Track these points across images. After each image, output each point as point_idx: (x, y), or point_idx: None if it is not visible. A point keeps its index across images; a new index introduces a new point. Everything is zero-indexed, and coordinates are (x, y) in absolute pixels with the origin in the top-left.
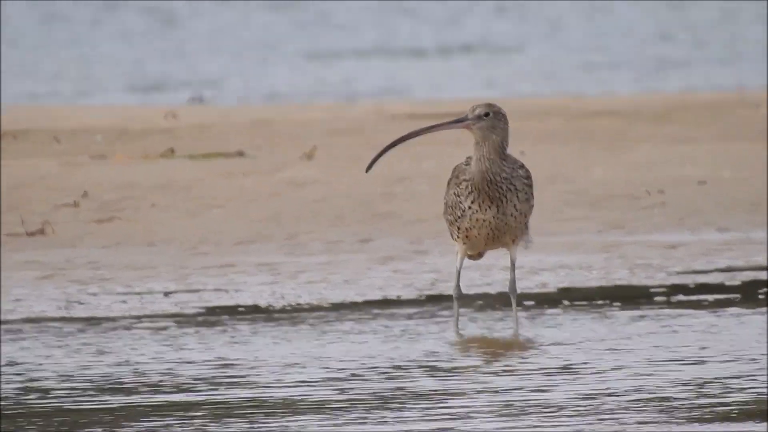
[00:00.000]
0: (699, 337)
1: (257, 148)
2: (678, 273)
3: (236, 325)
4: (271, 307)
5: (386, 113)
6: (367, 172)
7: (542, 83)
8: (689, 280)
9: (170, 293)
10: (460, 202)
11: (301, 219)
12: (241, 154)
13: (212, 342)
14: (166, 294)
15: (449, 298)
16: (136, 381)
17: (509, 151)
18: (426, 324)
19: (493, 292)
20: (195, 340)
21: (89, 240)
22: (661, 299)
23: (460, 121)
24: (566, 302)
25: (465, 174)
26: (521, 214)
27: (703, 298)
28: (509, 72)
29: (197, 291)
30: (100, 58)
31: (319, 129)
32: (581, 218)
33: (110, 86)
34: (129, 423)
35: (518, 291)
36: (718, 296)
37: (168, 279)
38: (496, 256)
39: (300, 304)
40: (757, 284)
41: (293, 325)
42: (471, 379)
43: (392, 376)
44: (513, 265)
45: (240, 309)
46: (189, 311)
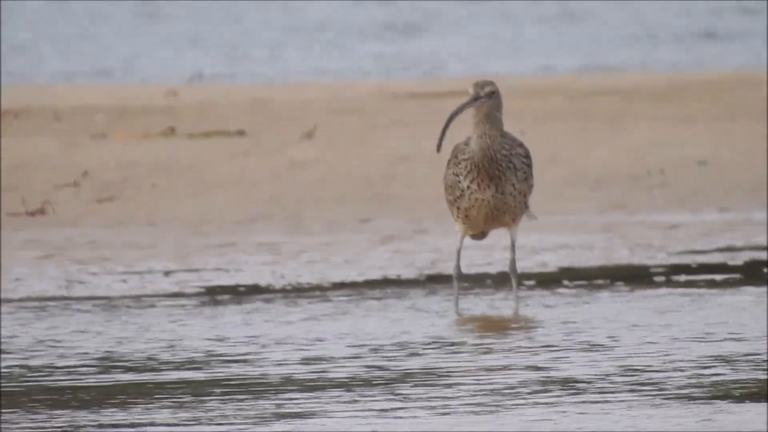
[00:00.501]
0: (699, 316)
1: (258, 128)
2: (678, 253)
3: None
4: (271, 287)
5: (387, 92)
6: (439, 152)
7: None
8: (690, 260)
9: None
10: (459, 182)
11: (302, 199)
12: (242, 134)
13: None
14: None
15: (449, 278)
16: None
17: (507, 130)
18: (426, 303)
19: (494, 272)
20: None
21: (90, 219)
22: (662, 279)
23: (476, 100)
24: (567, 282)
25: (464, 153)
26: (520, 194)
27: (704, 278)
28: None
29: (198, 270)
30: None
31: (320, 108)
32: (582, 198)
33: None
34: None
35: (518, 271)
36: (719, 276)
37: (169, 258)
38: (498, 236)
39: (300, 284)
40: (758, 264)
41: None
42: (468, 358)
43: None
44: (513, 246)
45: (240, 288)
46: (189, 290)
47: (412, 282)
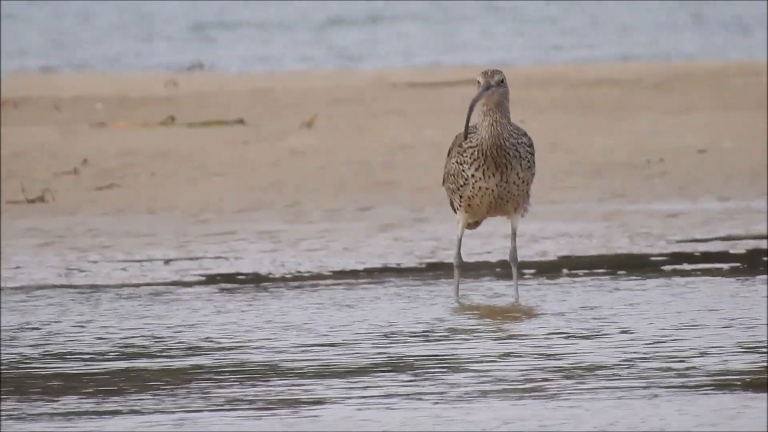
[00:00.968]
0: (698, 305)
1: (258, 116)
2: (678, 241)
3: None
4: (271, 275)
5: (386, 81)
6: (466, 140)
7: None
8: (689, 249)
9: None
10: (463, 171)
11: (302, 187)
12: (242, 122)
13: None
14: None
15: (449, 266)
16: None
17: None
18: (426, 291)
19: (494, 260)
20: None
21: (89, 207)
22: (662, 267)
23: (488, 89)
24: (566, 270)
25: (471, 141)
26: (523, 182)
27: (703, 266)
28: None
29: (197, 258)
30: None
31: (320, 97)
32: (582, 187)
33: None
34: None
35: (519, 259)
36: (718, 264)
37: (168, 246)
38: (497, 224)
39: (300, 272)
40: (758, 252)
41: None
42: (469, 345)
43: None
44: (514, 234)
45: (240, 276)
46: (189, 278)
47: (412, 270)
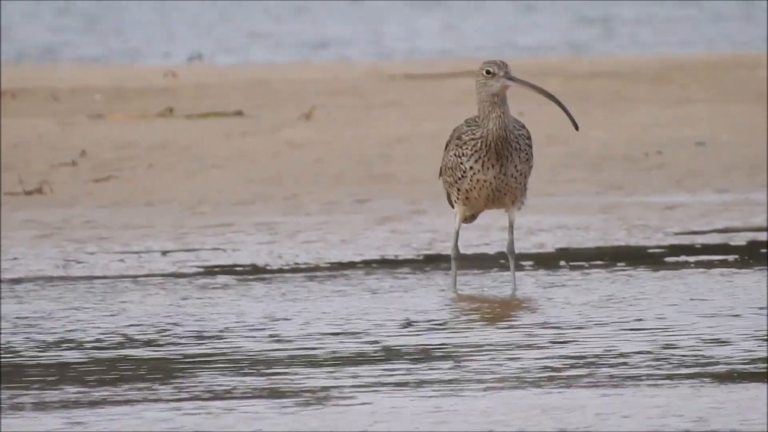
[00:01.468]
0: (696, 297)
1: (256, 108)
2: (676, 234)
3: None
4: (269, 266)
5: (384, 73)
6: (578, 130)
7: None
8: (687, 241)
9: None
10: (461, 163)
11: (300, 179)
12: (240, 114)
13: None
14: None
15: (447, 258)
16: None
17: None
18: (423, 283)
19: (491, 252)
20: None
21: (87, 199)
22: (659, 260)
23: (511, 79)
24: (564, 263)
25: (473, 134)
26: (521, 175)
27: (701, 259)
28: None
29: (195, 250)
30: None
31: (318, 89)
32: (579, 179)
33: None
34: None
35: (516, 251)
36: (716, 257)
37: (166, 238)
38: (494, 217)
39: (297, 264)
40: (756, 245)
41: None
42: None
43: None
44: (511, 227)
45: (237, 268)
46: (187, 270)
47: (410, 262)
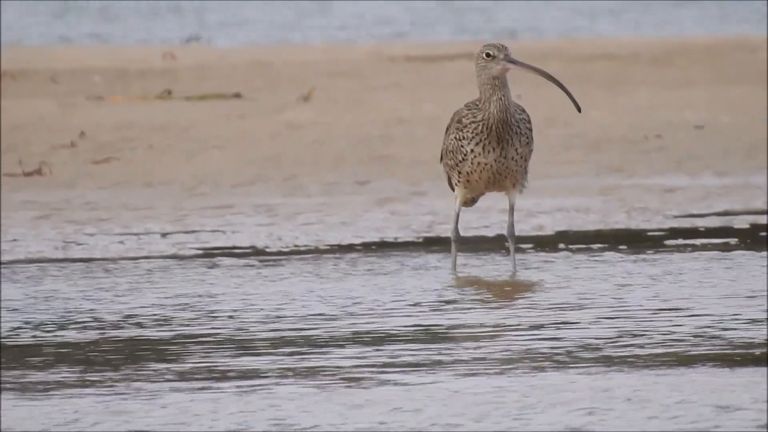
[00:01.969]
0: (696, 279)
1: (255, 90)
2: (675, 216)
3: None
4: (268, 248)
5: (384, 55)
6: (581, 112)
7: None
8: (687, 224)
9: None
10: (462, 147)
11: (300, 161)
12: (239, 96)
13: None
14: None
15: (447, 240)
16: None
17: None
18: (424, 265)
19: (491, 235)
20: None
21: (86, 181)
22: (659, 242)
23: (512, 62)
24: (563, 245)
25: (474, 117)
26: (522, 158)
27: (701, 242)
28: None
29: (195, 232)
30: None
31: (317, 71)
32: (579, 161)
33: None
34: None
35: (516, 234)
36: (716, 240)
37: (165, 220)
38: (495, 199)
39: (297, 246)
40: (756, 228)
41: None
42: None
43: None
44: (512, 209)
45: (237, 250)
46: (186, 252)
47: (410, 244)
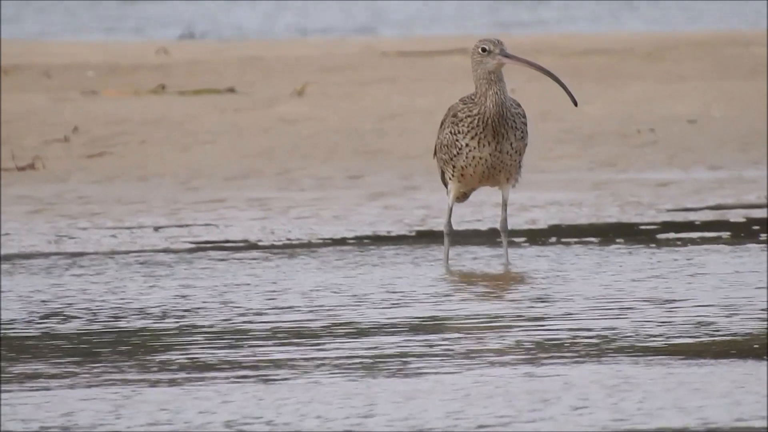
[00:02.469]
0: (688, 273)
1: (249, 84)
2: (668, 210)
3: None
4: (261, 242)
5: (377, 50)
6: (577, 106)
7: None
8: (680, 218)
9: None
10: (457, 141)
11: (293, 155)
12: (233, 91)
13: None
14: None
15: (440, 234)
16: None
17: None
18: (415, 258)
19: (484, 228)
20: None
21: (79, 175)
22: (651, 236)
23: (508, 56)
24: (556, 239)
25: (470, 111)
26: (516, 152)
27: (694, 235)
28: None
29: (188, 226)
30: None
31: (310, 65)
32: (572, 156)
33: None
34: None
35: (509, 228)
36: (709, 233)
37: (159, 214)
38: (488, 193)
39: (290, 240)
40: (749, 222)
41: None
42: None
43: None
44: (505, 204)
45: (229, 244)
46: (179, 246)
47: (403, 237)
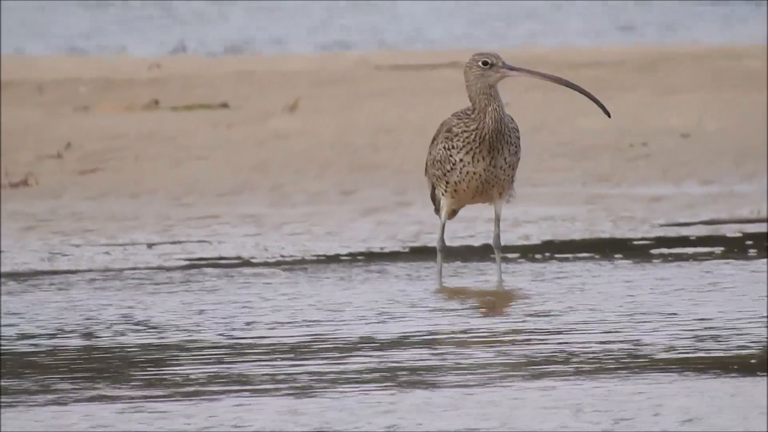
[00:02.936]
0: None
1: (241, 99)
2: (661, 225)
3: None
4: (254, 259)
5: (370, 64)
6: (610, 117)
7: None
8: (673, 233)
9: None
10: (451, 156)
11: (286, 170)
12: (226, 106)
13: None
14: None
15: (433, 250)
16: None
17: None
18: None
19: (477, 245)
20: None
21: (73, 191)
22: (645, 251)
23: (512, 69)
24: (549, 254)
25: (466, 126)
26: (510, 167)
27: (687, 251)
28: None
29: (181, 242)
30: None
31: (303, 80)
32: (565, 169)
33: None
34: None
35: (502, 244)
36: (701, 249)
37: (152, 230)
38: (480, 209)
39: (283, 256)
40: (742, 237)
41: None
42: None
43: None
44: (498, 219)
45: (222, 261)
46: (172, 263)
47: (396, 254)
